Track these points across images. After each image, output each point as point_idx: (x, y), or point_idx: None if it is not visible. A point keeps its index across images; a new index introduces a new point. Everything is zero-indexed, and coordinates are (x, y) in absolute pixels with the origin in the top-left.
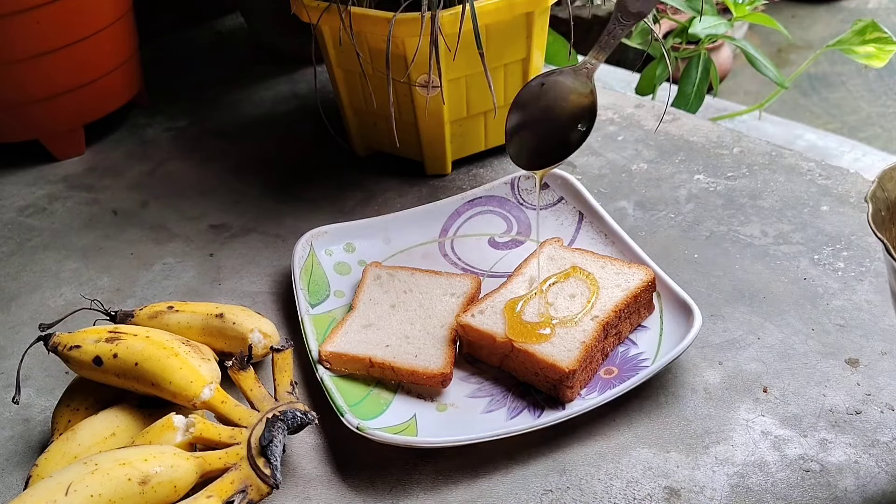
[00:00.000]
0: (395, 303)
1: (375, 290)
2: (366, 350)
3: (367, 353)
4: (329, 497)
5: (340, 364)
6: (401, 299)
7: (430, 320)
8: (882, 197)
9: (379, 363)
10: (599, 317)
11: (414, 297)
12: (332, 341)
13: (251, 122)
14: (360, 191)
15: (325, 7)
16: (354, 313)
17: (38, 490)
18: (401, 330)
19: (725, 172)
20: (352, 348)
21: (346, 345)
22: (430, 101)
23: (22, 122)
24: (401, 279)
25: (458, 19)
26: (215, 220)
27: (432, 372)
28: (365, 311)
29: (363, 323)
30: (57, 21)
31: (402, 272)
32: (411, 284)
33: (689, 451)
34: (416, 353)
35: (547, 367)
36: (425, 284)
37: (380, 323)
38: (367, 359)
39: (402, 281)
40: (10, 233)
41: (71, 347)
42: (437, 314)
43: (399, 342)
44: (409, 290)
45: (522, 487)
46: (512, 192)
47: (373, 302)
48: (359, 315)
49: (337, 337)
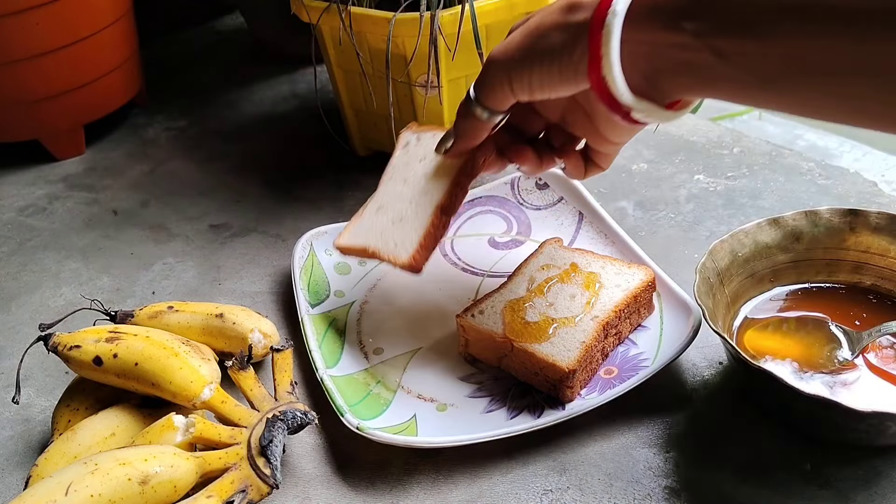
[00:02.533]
0: (408, 176)
1: (400, 161)
2: (366, 240)
3: (367, 242)
4: (329, 497)
5: (351, 254)
6: (413, 170)
7: (424, 197)
8: (711, 266)
9: (372, 252)
10: (599, 317)
11: (423, 166)
12: (346, 231)
13: (251, 122)
14: (360, 191)
15: (325, 7)
16: (376, 193)
17: (38, 490)
18: (400, 210)
19: (725, 172)
20: (356, 238)
21: (354, 235)
22: (429, 101)
23: (22, 122)
24: (424, 144)
25: (457, 19)
26: (215, 220)
27: (402, 262)
28: (382, 190)
29: (377, 205)
30: (57, 21)
31: (428, 133)
32: (428, 150)
33: (689, 451)
34: (399, 239)
35: (547, 367)
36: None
37: (389, 203)
38: (364, 248)
39: (423, 146)
40: (10, 233)
41: (71, 347)
42: (432, 189)
43: (391, 227)
44: (425, 157)
45: (522, 487)
46: (512, 192)
47: (392, 178)
48: (377, 197)
49: (352, 225)
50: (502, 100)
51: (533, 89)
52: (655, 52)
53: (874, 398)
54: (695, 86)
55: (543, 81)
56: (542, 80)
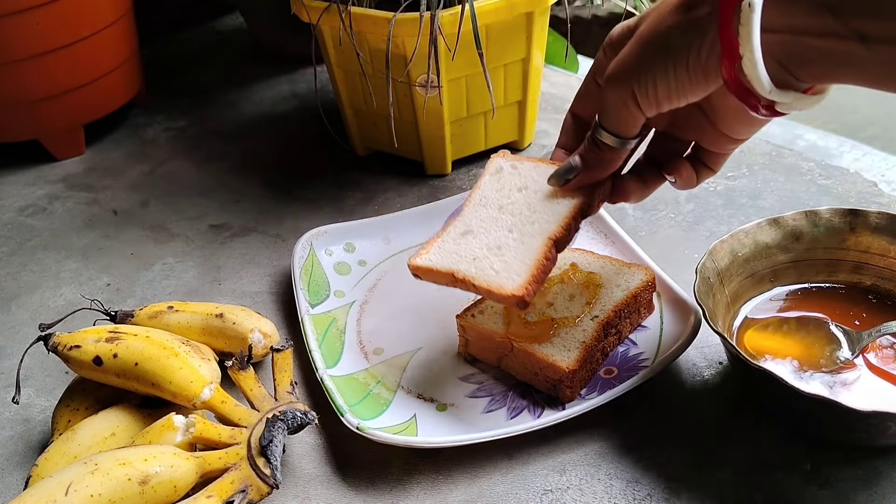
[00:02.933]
0: (504, 204)
1: (490, 188)
2: (452, 263)
3: (452, 266)
4: (329, 497)
5: (427, 277)
6: (511, 199)
7: (531, 227)
8: (711, 266)
9: (461, 279)
10: (599, 317)
11: (525, 196)
12: (425, 252)
13: (251, 122)
14: (360, 191)
15: (325, 7)
16: (458, 218)
17: (38, 490)
18: (497, 238)
19: (725, 172)
20: (440, 261)
21: (436, 257)
22: (429, 101)
23: (22, 122)
24: (522, 172)
25: (457, 19)
26: (215, 220)
27: (506, 292)
28: (470, 214)
29: (463, 230)
30: (57, 21)
31: (527, 164)
32: (529, 180)
33: (689, 451)
34: (500, 267)
35: (547, 367)
36: (543, 182)
37: (480, 229)
38: (451, 273)
39: (521, 175)
40: (10, 233)
41: (71, 347)
42: (541, 220)
43: (488, 254)
44: (525, 186)
45: (522, 487)
46: None
47: (482, 203)
48: (462, 220)
49: (431, 247)
50: (630, 121)
51: (660, 100)
52: (793, 38)
53: (874, 398)
54: (832, 72)
55: (671, 88)
56: (669, 87)
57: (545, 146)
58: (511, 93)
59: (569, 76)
